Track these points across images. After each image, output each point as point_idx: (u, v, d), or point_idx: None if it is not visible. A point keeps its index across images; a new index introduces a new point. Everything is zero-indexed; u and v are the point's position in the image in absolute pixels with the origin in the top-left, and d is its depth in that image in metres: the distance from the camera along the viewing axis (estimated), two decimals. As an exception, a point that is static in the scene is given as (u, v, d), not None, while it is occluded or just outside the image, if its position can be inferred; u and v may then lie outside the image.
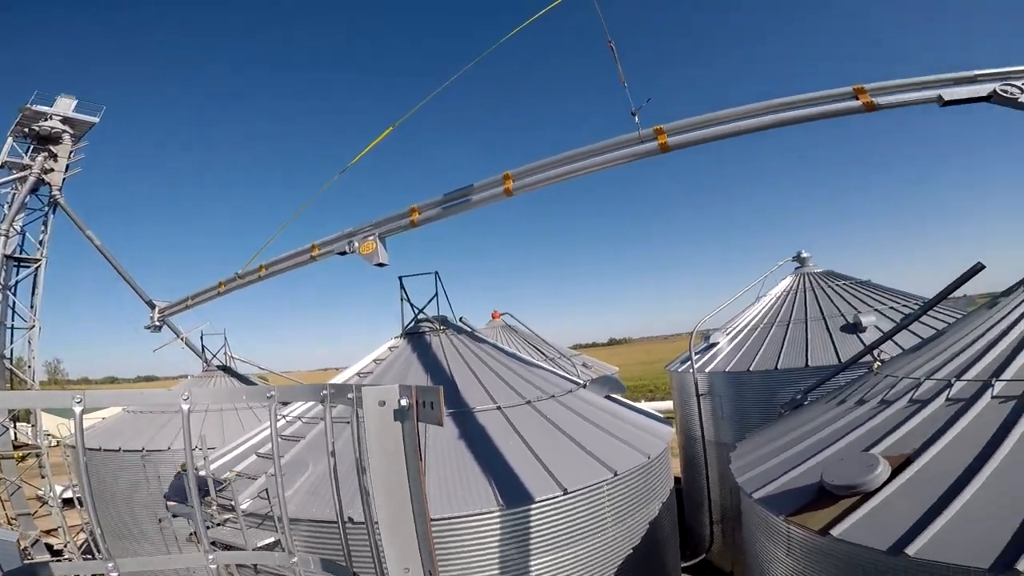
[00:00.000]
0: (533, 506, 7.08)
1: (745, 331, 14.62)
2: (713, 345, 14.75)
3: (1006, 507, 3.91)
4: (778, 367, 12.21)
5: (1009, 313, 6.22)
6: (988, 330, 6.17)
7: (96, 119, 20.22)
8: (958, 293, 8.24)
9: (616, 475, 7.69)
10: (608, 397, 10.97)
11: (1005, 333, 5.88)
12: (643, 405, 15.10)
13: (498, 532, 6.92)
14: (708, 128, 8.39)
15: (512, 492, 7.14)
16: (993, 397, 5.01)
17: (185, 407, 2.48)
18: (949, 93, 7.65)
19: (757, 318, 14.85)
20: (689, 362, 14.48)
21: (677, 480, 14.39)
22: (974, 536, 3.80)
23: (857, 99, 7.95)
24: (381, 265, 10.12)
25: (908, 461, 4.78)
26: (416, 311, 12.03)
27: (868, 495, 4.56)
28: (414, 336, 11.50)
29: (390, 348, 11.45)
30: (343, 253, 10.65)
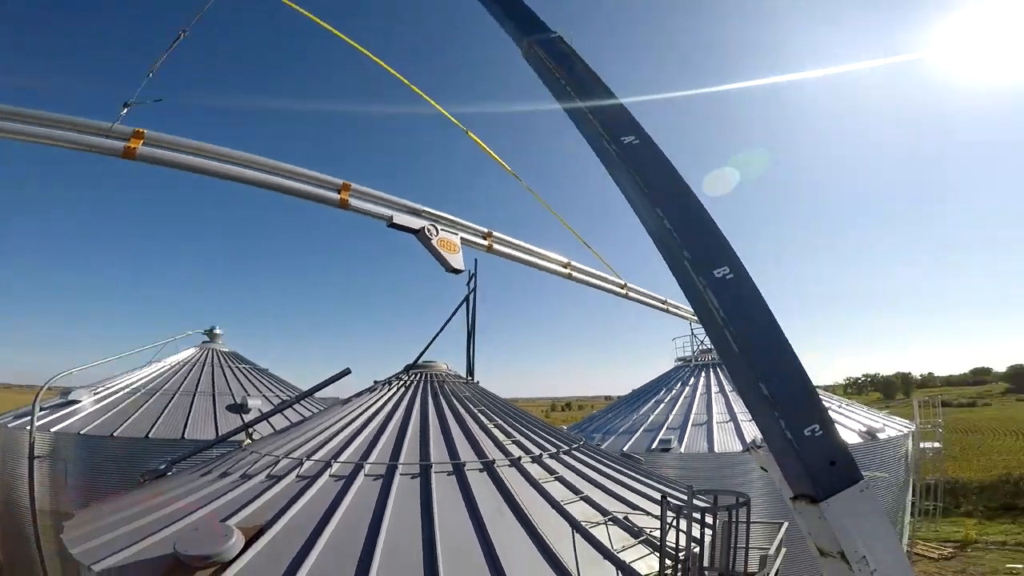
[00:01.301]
0: None
1: (121, 394, 13.13)
2: (73, 402, 12.46)
3: (340, 568, 4.85)
4: (149, 436, 11.45)
5: (352, 411, 8.46)
6: (336, 422, 8.13)
7: None
8: (330, 390, 10.48)
9: None
10: None
11: (346, 426, 7.92)
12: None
13: None
14: (189, 155, 7.33)
15: None
16: (331, 475, 6.50)
17: None
18: (399, 218, 8.01)
19: (142, 383, 13.67)
20: (29, 417, 11.63)
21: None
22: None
23: (339, 193, 7.88)
24: None
25: (261, 531, 5.36)
26: None
27: (225, 565, 4.83)
28: None
29: None
30: None
